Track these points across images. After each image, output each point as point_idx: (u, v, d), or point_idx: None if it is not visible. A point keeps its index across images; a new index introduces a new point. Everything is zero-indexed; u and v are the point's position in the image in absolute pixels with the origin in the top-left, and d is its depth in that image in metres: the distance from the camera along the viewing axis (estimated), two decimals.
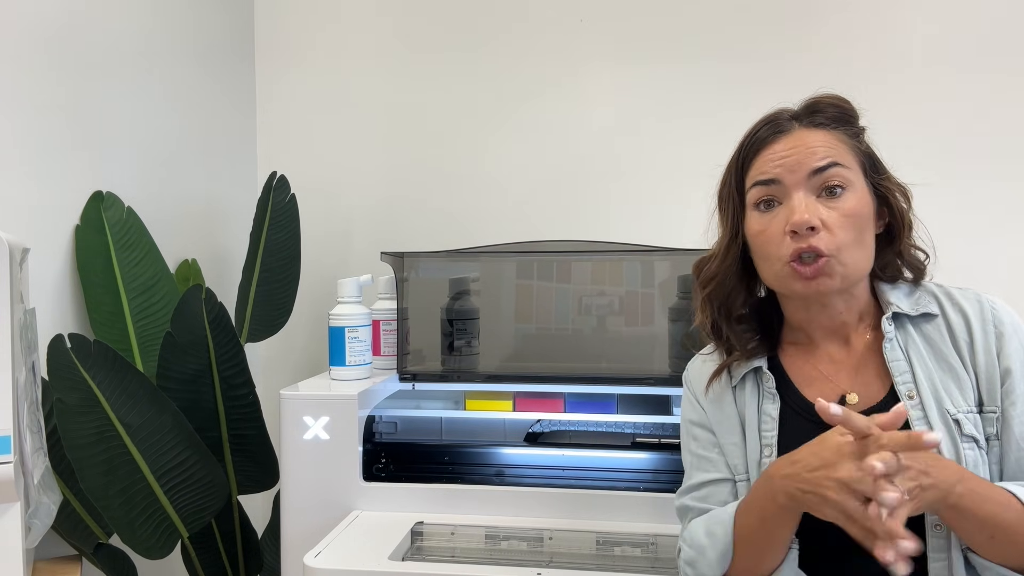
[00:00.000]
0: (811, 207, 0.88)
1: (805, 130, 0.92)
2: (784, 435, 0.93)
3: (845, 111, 0.95)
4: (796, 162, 0.90)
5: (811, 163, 0.89)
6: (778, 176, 0.91)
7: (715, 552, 0.89)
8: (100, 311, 1.47)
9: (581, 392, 1.47)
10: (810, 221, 0.87)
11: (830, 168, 0.89)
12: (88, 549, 1.38)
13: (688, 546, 0.94)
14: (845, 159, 0.91)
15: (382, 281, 1.59)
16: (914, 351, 0.92)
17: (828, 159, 0.89)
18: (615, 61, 1.87)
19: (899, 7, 1.76)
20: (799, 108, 0.96)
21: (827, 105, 0.94)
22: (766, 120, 0.95)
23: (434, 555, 1.25)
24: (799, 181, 0.90)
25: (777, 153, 0.92)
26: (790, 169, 0.90)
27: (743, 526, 0.88)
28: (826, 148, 0.90)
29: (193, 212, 1.80)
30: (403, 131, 1.96)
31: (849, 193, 0.90)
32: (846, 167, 0.90)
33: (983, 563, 0.82)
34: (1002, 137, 1.72)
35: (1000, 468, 0.87)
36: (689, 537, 0.94)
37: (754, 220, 0.93)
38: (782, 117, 0.94)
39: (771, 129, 0.94)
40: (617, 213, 1.86)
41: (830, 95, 0.95)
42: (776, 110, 0.96)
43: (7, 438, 0.99)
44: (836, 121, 0.93)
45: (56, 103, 1.41)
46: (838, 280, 0.89)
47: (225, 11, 1.92)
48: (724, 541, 0.89)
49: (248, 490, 1.56)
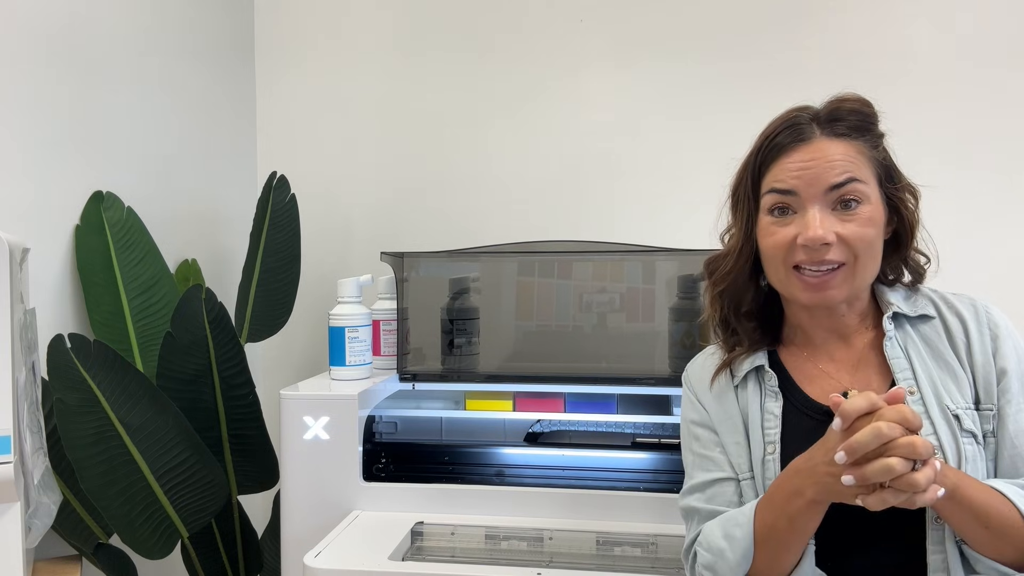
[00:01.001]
0: (825, 222, 0.89)
1: (825, 140, 0.91)
2: (787, 432, 0.94)
3: (867, 118, 0.93)
4: (815, 176, 0.90)
5: (829, 178, 0.89)
6: (795, 188, 0.91)
7: (735, 555, 0.89)
8: (100, 311, 1.47)
9: (581, 392, 1.47)
10: (824, 238, 0.88)
11: (847, 184, 0.89)
12: (88, 549, 1.38)
13: (705, 550, 0.93)
14: (862, 173, 0.91)
15: (382, 281, 1.59)
16: (913, 350, 0.94)
17: (846, 175, 0.89)
18: (615, 61, 1.87)
19: (900, 7, 1.76)
20: (821, 111, 0.94)
21: (848, 112, 0.93)
22: (786, 122, 0.93)
23: (434, 555, 1.25)
24: (816, 195, 0.90)
25: (795, 163, 0.91)
26: (808, 182, 0.90)
27: (765, 526, 0.88)
28: (845, 162, 0.90)
29: (193, 212, 1.80)
30: (403, 131, 1.96)
31: (864, 207, 0.90)
32: (863, 182, 0.90)
33: (975, 556, 0.84)
34: (1002, 137, 1.72)
35: (995, 464, 0.89)
36: (706, 541, 0.93)
37: (766, 224, 0.94)
38: (802, 121, 0.93)
39: (791, 135, 0.92)
40: (617, 213, 1.86)
41: (852, 98, 0.94)
42: (796, 110, 0.94)
43: (7, 438, 1.00)
44: (857, 130, 0.92)
45: (56, 103, 1.41)
46: (846, 291, 0.91)
47: (225, 11, 1.92)
48: (745, 543, 0.88)
49: (248, 490, 1.56)
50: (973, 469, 0.86)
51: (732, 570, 0.89)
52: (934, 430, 0.88)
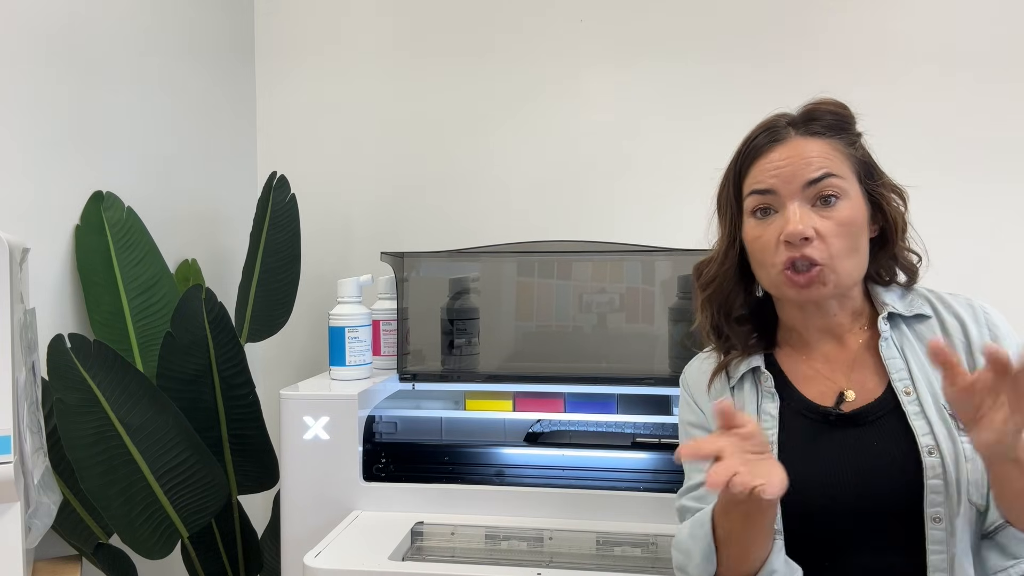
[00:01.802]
0: (805, 218, 0.90)
1: (801, 139, 0.93)
2: (784, 433, 0.94)
3: (842, 118, 0.96)
4: (791, 173, 0.92)
5: (806, 174, 0.91)
6: (773, 186, 0.92)
7: (699, 553, 0.89)
8: (100, 311, 1.47)
9: (581, 392, 1.47)
10: (803, 232, 0.89)
11: (824, 179, 0.91)
12: (88, 549, 1.38)
13: (677, 550, 0.94)
14: (840, 169, 0.92)
15: (382, 281, 1.59)
16: (909, 349, 0.94)
17: (823, 170, 0.91)
18: (615, 61, 1.87)
19: (901, 7, 1.76)
20: (797, 114, 0.97)
21: (824, 112, 0.95)
22: (764, 127, 0.96)
23: (434, 555, 1.25)
24: (794, 192, 0.91)
25: (773, 162, 0.93)
26: (785, 180, 0.92)
27: (722, 525, 0.88)
28: (821, 158, 0.92)
29: (193, 212, 1.80)
30: (403, 131, 1.96)
31: (843, 202, 0.91)
32: (840, 177, 0.92)
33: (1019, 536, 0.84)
34: (1002, 137, 1.72)
35: None
36: (677, 542, 0.94)
37: (751, 227, 0.95)
38: (779, 124, 0.95)
39: (768, 137, 0.95)
40: (617, 213, 1.86)
41: (828, 101, 0.96)
42: (774, 116, 0.97)
43: (7, 438, 1.00)
44: (832, 129, 0.94)
45: (56, 103, 1.41)
46: (831, 288, 0.92)
47: (225, 11, 1.92)
48: (706, 542, 0.89)
49: (248, 490, 1.56)
50: (973, 468, 0.86)
51: (699, 568, 0.90)
52: (931, 430, 0.88)
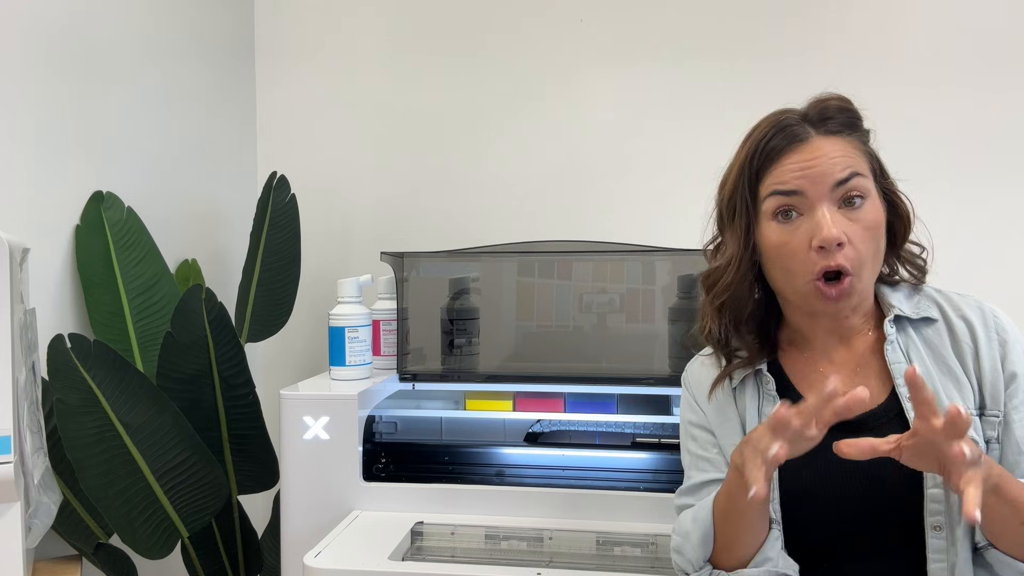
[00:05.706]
0: (837, 222, 0.87)
1: (822, 138, 0.90)
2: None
3: (853, 115, 0.93)
4: (820, 173, 0.88)
5: (834, 174, 0.88)
6: (800, 187, 0.89)
7: (698, 535, 0.90)
8: (100, 311, 1.47)
9: (581, 392, 1.47)
10: (839, 237, 0.86)
11: (852, 179, 0.88)
12: (88, 549, 1.38)
13: (676, 534, 0.95)
14: (862, 167, 0.90)
15: (382, 281, 1.59)
16: (914, 353, 0.92)
17: (849, 169, 0.88)
18: (615, 61, 1.87)
19: (901, 6, 1.76)
20: (809, 112, 0.93)
21: (836, 110, 0.92)
22: (776, 126, 0.92)
23: (434, 555, 1.25)
24: (823, 193, 0.88)
25: (797, 163, 0.89)
26: (813, 181, 0.88)
27: (721, 507, 0.89)
28: (845, 157, 0.89)
29: (193, 212, 1.80)
30: (403, 131, 1.96)
31: (867, 203, 0.89)
32: (864, 176, 0.89)
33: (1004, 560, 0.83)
34: (1003, 137, 1.72)
35: None
36: (678, 525, 0.95)
37: (772, 231, 0.91)
38: (792, 122, 0.91)
39: (785, 138, 0.91)
40: (617, 213, 1.86)
41: (835, 96, 0.93)
42: (781, 114, 0.93)
43: (7, 438, 1.00)
44: (847, 127, 0.92)
45: (56, 103, 1.41)
46: (856, 298, 0.90)
47: (225, 11, 1.92)
48: (705, 524, 0.89)
49: (248, 490, 1.56)
50: None
51: (695, 549, 0.90)
52: None
